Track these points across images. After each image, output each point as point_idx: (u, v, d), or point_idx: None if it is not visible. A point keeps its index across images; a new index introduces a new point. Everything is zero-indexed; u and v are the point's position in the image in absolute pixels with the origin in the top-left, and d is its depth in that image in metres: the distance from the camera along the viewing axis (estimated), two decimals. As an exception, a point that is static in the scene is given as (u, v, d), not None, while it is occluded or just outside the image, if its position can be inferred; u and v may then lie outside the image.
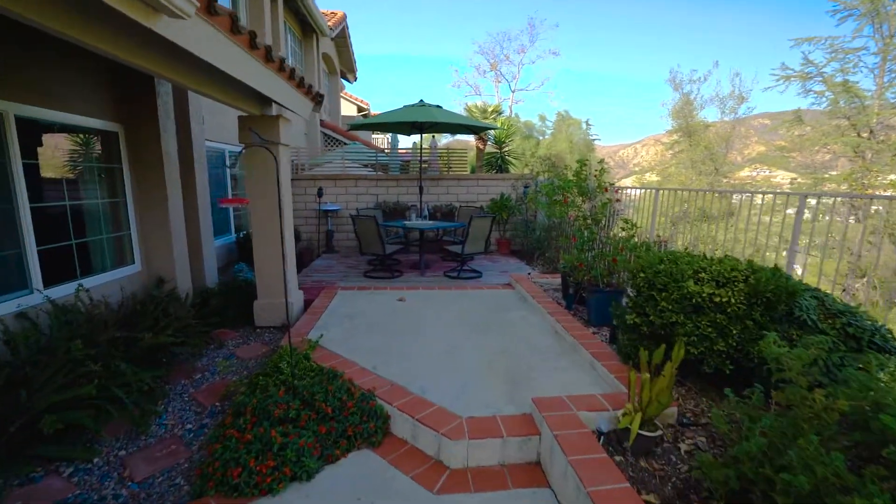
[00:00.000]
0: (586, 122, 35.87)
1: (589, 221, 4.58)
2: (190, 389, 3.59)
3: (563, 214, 5.35)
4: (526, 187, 7.89)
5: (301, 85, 4.45)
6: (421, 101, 7.01)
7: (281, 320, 4.97)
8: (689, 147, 19.96)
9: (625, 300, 3.85)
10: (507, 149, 12.49)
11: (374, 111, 22.99)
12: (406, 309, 5.13)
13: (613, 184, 4.68)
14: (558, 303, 5.14)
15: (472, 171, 15.14)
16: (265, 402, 2.72)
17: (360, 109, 22.55)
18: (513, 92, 32.38)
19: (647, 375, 2.35)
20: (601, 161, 4.83)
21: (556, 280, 6.18)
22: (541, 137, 35.63)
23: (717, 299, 2.66)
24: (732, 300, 2.65)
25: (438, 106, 7.00)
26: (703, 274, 2.80)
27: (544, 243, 8.21)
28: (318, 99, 4.91)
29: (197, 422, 3.12)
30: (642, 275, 3.02)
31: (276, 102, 4.48)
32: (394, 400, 2.94)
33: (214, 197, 6.44)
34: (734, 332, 2.64)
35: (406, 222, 7.08)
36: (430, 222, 7.14)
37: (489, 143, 13.09)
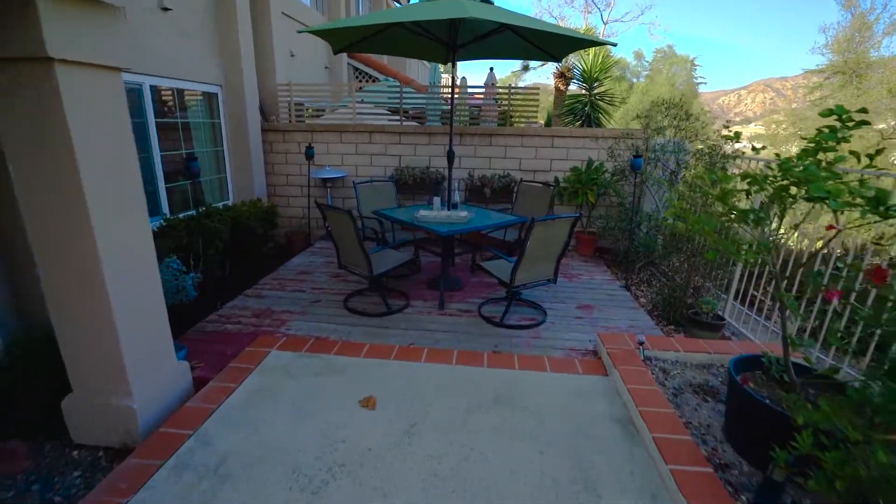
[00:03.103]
0: (692, 62, 29.50)
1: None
2: None
3: (753, 255, 2.03)
4: (636, 157, 4.50)
5: None
6: (455, -9, 3.80)
7: (118, 436, 2.45)
8: (857, 91, 14.40)
9: None
10: (600, 90, 8.78)
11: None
12: (359, 451, 2.34)
13: None
14: (723, 469, 2.08)
15: (548, 124, 11.58)
16: None
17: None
18: (605, 24, 26.85)
19: None
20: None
21: (695, 357, 3.03)
22: (634, 80, 29.82)
23: None
24: None
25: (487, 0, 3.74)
26: None
27: (655, 249, 4.95)
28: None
29: None
30: None
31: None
32: None
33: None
34: None
35: (417, 214, 4.13)
36: (463, 214, 4.11)
37: (575, 82, 9.35)
